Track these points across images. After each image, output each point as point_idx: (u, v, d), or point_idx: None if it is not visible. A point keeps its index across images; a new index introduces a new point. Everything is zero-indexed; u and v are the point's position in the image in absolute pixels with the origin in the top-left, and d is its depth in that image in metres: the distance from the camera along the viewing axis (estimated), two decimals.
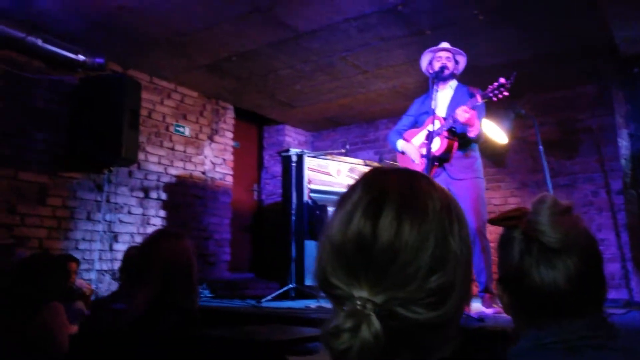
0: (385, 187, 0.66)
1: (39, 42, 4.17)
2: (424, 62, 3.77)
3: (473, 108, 3.33)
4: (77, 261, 4.03)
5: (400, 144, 3.80)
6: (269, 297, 4.22)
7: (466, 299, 0.66)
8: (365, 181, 0.69)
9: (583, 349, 0.85)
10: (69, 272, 3.87)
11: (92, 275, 4.60)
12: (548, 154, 4.58)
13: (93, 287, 4.26)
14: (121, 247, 4.81)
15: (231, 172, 6.16)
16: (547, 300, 0.89)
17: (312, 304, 3.91)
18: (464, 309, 0.66)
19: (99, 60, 4.56)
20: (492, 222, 1.02)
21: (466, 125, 3.38)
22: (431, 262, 0.62)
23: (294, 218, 4.76)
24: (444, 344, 0.64)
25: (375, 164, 5.61)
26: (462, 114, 3.27)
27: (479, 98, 3.30)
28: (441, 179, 3.55)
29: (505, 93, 3.27)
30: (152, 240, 1.83)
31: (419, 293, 0.61)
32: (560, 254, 0.89)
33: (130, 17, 4.04)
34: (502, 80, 3.27)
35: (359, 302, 0.60)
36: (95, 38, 4.41)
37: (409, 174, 0.70)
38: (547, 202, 0.93)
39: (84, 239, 4.64)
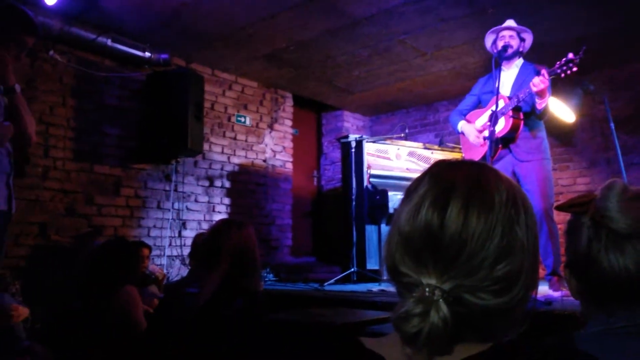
0: (452, 180, 0.68)
1: (109, 42, 4.41)
2: (489, 41, 3.67)
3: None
4: (149, 247, 4.26)
5: (461, 125, 3.74)
6: (331, 281, 4.30)
7: (532, 286, 0.67)
8: (432, 174, 0.72)
9: None
10: (142, 257, 4.10)
11: (164, 261, 4.85)
12: (619, 131, 4.36)
13: (164, 271, 4.50)
14: (189, 233, 5.04)
15: (291, 159, 6.27)
16: (616, 286, 0.89)
17: (374, 287, 3.96)
18: (530, 296, 0.68)
19: (164, 56, 4.77)
20: (560, 208, 1.02)
21: (537, 96, 3.27)
22: (498, 251, 0.64)
23: (354, 203, 4.79)
24: (509, 328, 0.66)
25: (435, 147, 5.54)
26: (539, 83, 3.16)
27: (545, 74, 3.18)
28: (507, 161, 3.48)
29: (574, 69, 3.14)
30: (220, 229, 1.95)
31: (486, 281, 0.63)
32: (630, 240, 0.88)
33: (192, 14, 4.18)
34: (570, 55, 3.13)
35: (427, 289, 0.63)
36: (159, 35, 4.60)
37: (475, 166, 0.72)
38: (616, 187, 0.92)
39: (155, 227, 4.89)
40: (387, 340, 0.70)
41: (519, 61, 3.59)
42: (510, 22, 3.57)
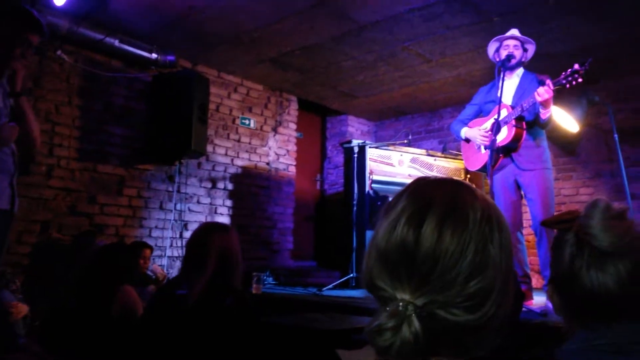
0: (429, 198, 0.70)
1: (116, 42, 4.45)
2: (491, 49, 3.66)
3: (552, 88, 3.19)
4: (151, 248, 4.29)
5: (464, 131, 3.74)
6: (330, 286, 4.30)
7: (504, 303, 0.69)
8: (410, 191, 0.73)
9: (633, 353, 0.85)
10: (144, 258, 4.13)
11: (164, 261, 4.87)
12: (624, 142, 4.35)
13: (165, 272, 4.52)
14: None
15: (294, 163, 6.29)
16: (597, 303, 0.90)
17: None
18: (502, 313, 0.69)
19: (170, 57, 4.80)
20: (545, 224, 1.03)
21: (541, 106, 3.26)
22: (470, 268, 0.65)
23: (355, 209, 4.80)
24: (482, 344, 0.68)
25: (438, 154, 5.54)
26: (544, 93, 3.15)
27: (550, 85, 3.18)
28: (509, 170, 3.47)
29: (580, 80, 3.12)
30: (205, 232, 2.02)
31: (458, 297, 0.65)
32: (611, 258, 0.89)
33: (199, 17, 4.22)
34: (576, 66, 3.11)
35: (401, 304, 0.65)
36: (167, 37, 4.63)
37: (452, 184, 0.73)
38: (599, 206, 0.93)
39: (156, 227, 4.92)
40: (362, 352, 0.71)
41: (520, 70, 3.58)
42: (514, 32, 3.56)
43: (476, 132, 3.62)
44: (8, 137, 2.33)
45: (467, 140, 3.76)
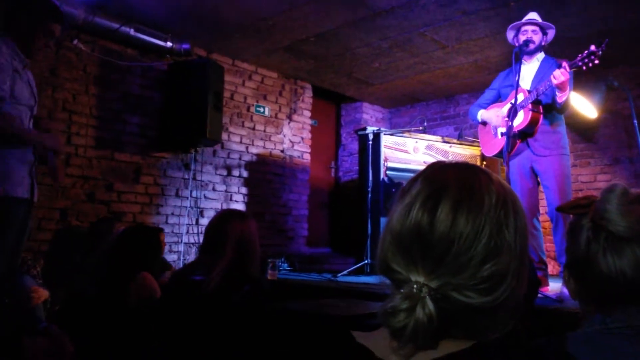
0: (444, 182, 0.70)
1: (131, 31, 4.47)
2: (510, 34, 3.62)
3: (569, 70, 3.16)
4: (163, 230, 4.28)
5: (481, 113, 3.71)
6: (344, 272, 4.33)
7: (519, 287, 0.69)
8: (424, 176, 0.73)
9: None
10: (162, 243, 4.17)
11: (181, 248, 4.93)
12: None
13: (181, 258, 4.56)
14: (206, 221, 5.08)
15: (309, 150, 6.29)
16: (613, 288, 0.89)
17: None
18: (516, 296, 0.69)
19: (185, 46, 4.82)
20: (561, 209, 1.03)
21: (557, 89, 3.22)
22: (485, 251, 0.66)
23: (370, 196, 4.81)
24: (495, 326, 0.68)
25: (454, 141, 5.50)
26: (560, 75, 3.12)
27: (566, 67, 3.13)
28: (524, 156, 3.44)
29: (596, 62, 3.07)
30: (223, 219, 2.03)
31: (472, 279, 0.65)
32: (628, 243, 0.88)
33: (213, 4, 4.21)
34: (592, 47, 3.07)
35: (415, 286, 0.65)
36: (181, 25, 4.64)
37: (468, 169, 0.73)
38: (616, 190, 0.92)
39: (173, 214, 4.97)
40: (377, 334, 0.72)
41: (540, 55, 3.53)
42: (532, 15, 3.50)
43: (492, 113, 3.59)
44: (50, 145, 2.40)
45: (484, 124, 3.73)
